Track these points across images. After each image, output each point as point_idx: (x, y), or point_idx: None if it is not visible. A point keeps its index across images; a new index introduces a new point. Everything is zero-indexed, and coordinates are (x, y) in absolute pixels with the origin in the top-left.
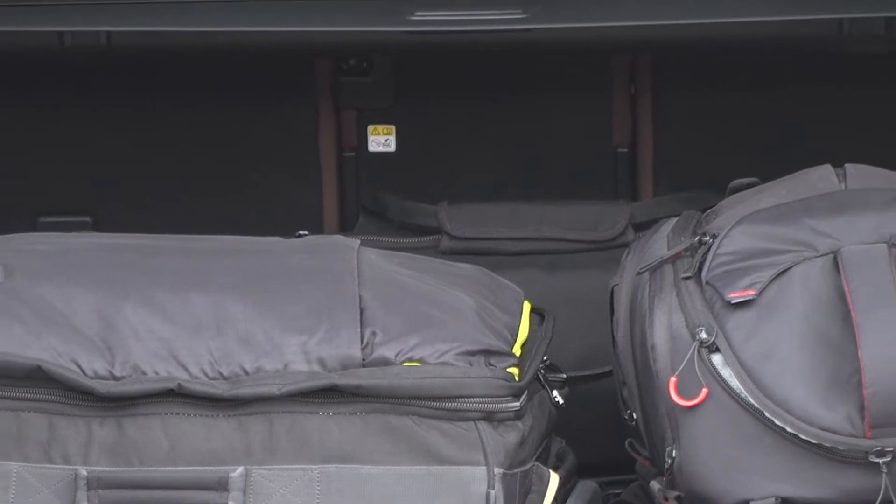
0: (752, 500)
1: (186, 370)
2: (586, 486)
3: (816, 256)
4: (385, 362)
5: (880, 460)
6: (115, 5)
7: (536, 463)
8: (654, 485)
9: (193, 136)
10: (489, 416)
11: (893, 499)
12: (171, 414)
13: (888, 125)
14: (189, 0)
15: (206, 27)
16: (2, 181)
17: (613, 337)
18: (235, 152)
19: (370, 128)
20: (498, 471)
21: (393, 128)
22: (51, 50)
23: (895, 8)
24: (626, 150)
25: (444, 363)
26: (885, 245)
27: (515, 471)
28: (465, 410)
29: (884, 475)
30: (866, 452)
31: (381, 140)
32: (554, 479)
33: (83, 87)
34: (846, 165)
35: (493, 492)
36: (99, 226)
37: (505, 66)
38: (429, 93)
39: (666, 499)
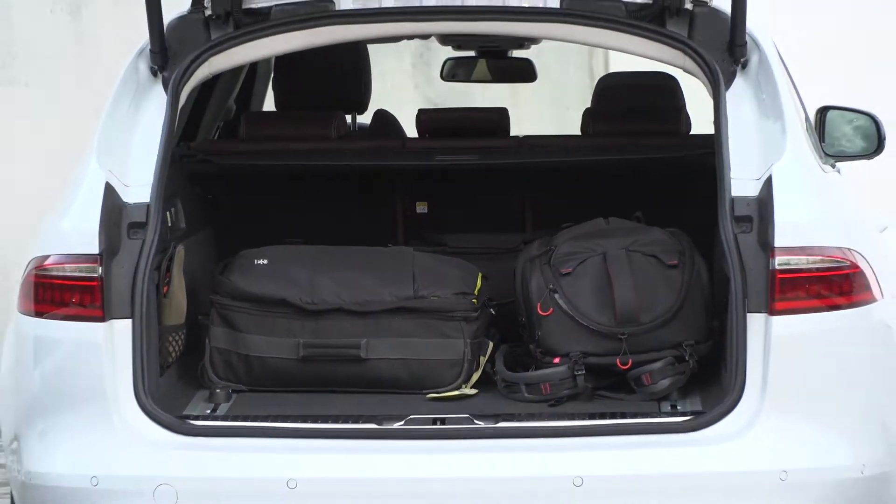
0: (570, 352)
1: (343, 300)
2: (503, 347)
3: (596, 255)
4: (423, 297)
5: (622, 336)
6: (307, 152)
7: (484, 338)
8: (532, 347)
9: (345, 208)
10: (465, 318)
11: (628, 351)
12: (337, 319)
13: (637, 203)
14: (342, 149)
15: (352, 161)
16: (266, 227)
17: (514, 287)
18: (366, 215)
19: (417, 203)
20: (468, 340)
21: (426, 202)
22: (282, 172)
23: (655, 152)
24: (520, 213)
25: (448, 297)
26: (624, 251)
27: (476, 340)
28: (455, 317)
29: (624, 341)
30: (616, 333)
31: (423, 208)
32: (490, 345)
33: (306, 185)
34: (610, 218)
35: (466, 349)
36: (307, 243)
37: (474, 179)
38: (441, 188)
39: (536, 352)
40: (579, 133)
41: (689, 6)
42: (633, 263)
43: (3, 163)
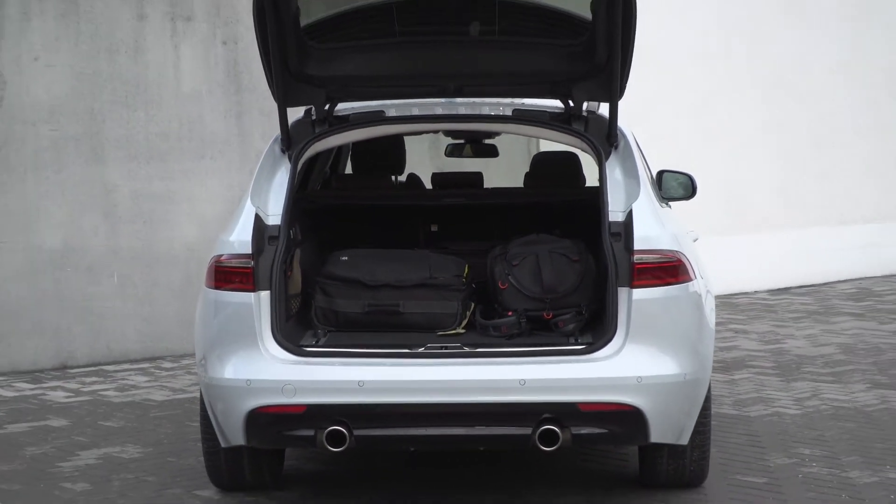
0: (518, 309)
1: (389, 279)
2: (480, 306)
3: (533, 254)
4: (435, 278)
5: (547, 300)
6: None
7: (469, 301)
8: (496, 306)
9: (390, 228)
10: (458, 290)
11: (550, 309)
12: (386, 290)
13: (556, 225)
14: (389, 195)
15: (395, 202)
16: (346, 239)
17: (486, 272)
18: (402, 232)
19: (431, 225)
20: (460, 302)
21: (437, 225)
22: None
23: (566, 196)
24: (489, 231)
25: (448, 278)
26: (548, 252)
27: (465, 302)
28: (453, 289)
29: (548, 303)
30: (544, 298)
31: (434, 228)
32: (473, 305)
33: (368, 216)
34: (540, 234)
35: (459, 307)
36: (369, 247)
37: (464, 212)
38: (445, 217)
39: (498, 309)
40: (522, 186)
41: (584, 114)
42: (553, 259)
43: (199, 202)
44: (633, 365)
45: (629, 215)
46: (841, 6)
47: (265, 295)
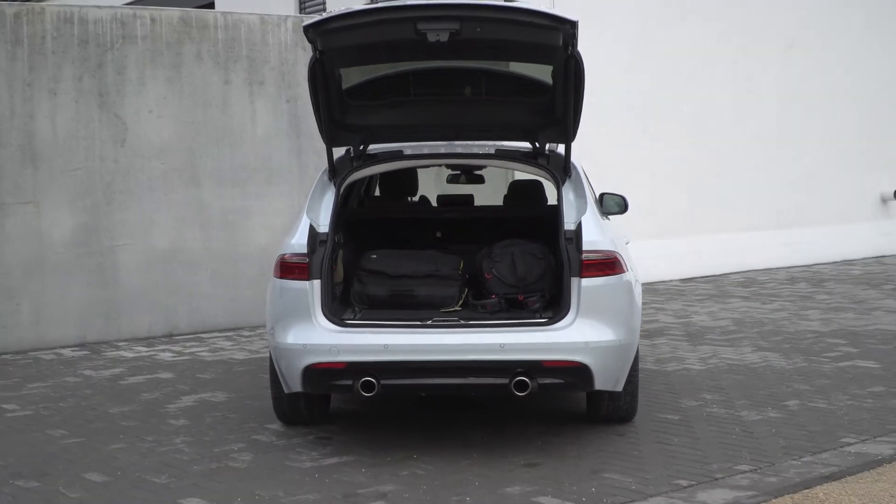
0: (499, 293)
1: (407, 272)
2: (472, 290)
3: (510, 254)
4: (439, 271)
5: (520, 286)
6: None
7: (464, 286)
8: (483, 291)
9: (406, 235)
10: (456, 279)
11: (523, 293)
12: (404, 279)
13: (527, 233)
14: (406, 210)
15: (410, 215)
16: (375, 242)
17: (476, 266)
18: (414, 238)
19: (436, 232)
20: (458, 288)
21: (440, 232)
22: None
23: (534, 213)
24: (479, 237)
25: (448, 271)
26: (521, 251)
27: (461, 288)
28: (452, 279)
29: (521, 289)
30: (518, 285)
31: (438, 234)
32: (466, 290)
33: (391, 227)
34: (514, 239)
35: (456, 291)
36: (391, 248)
37: (460, 223)
38: (447, 227)
39: (485, 293)
40: (502, 205)
41: (547, 152)
42: (525, 257)
43: (269, 216)
44: (582, 333)
45: (579, 226)
46: (733, 72)
47: (317, 283)
